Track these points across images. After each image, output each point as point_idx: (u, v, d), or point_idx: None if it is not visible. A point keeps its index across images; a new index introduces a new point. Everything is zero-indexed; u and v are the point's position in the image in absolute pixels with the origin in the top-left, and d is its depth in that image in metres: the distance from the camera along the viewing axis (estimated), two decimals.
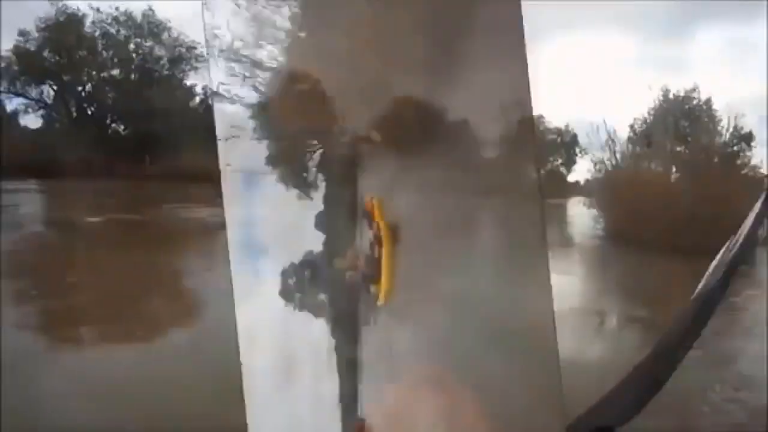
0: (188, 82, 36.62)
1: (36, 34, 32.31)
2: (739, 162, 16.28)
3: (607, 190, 15.64)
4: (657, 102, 19.62)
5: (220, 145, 0.92)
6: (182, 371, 3.94)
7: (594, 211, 15.68)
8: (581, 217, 17.38)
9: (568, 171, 48.42)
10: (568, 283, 8.62)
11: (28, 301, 6.03)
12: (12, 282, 6.97)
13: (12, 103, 33.32)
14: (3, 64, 31.64)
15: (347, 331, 0.97)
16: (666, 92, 20.30)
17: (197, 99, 36.89)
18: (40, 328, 5.07)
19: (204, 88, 36.82)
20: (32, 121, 34.64)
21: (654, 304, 6.60)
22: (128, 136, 34.31)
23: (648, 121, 19.56)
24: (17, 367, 3.83)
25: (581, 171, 43.14)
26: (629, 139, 18.38)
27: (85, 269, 7.55)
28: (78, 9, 33.33)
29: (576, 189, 36.40)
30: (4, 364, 3.81)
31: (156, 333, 5.11)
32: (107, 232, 11.98)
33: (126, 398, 3.41)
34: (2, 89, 32.54)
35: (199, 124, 32.71)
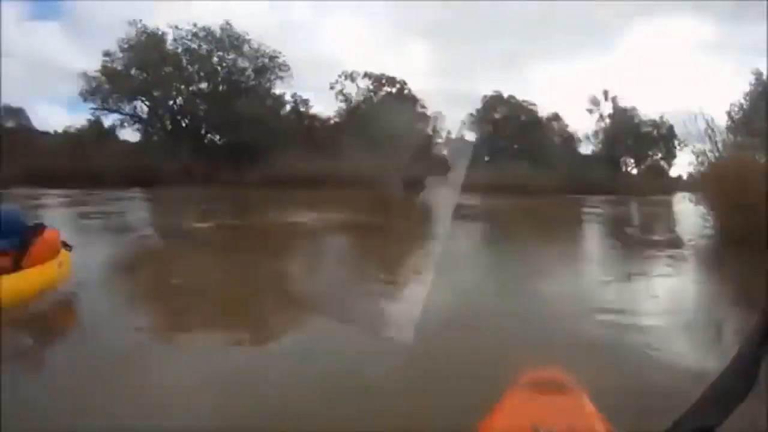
0: (276, 91, 38.18)
1: (120, 54, 35.08)
2: None
3: (712, 183, 14.33)
4: (751, 86, 18.05)
5: None
6: (288, 373, 4.08)
7: (701, 208, 14.45)
8: (687, 214, 16.11)
9: (669, 165, 45.25)
10: (679, 289, 8.08)
11: (138, 302, 6.51)
12: (122, 284, 7.58)
13: (108, 119, 36.59)
14: (94, 84, 34.47)
15: None
16: (758, 75, 18.64)
17: (287, 107, 38.34)
18: (151, 328, 5.43)
19: (293, 96, 38.28)
20: (131, 135, 37.81)
21: None
22: (224, 145, 36.19)
23: (744, 107, 17.93)
24: (129, 366, 4.11)
25: (683, 164, 40.30)
26: (728, 127, 16.60)
27: (194, 273, 8.09)
28: (157, 28, 35.91)
29: (679, 184, 34.03)
30: (116, 363, 4.13)
31: (261, 335, 5.34)
32: (215, 237, 12.75)
33: (233, 398, 3.57)
34: (97, 106, 35.53)
35: (291, 130, 34.12)
